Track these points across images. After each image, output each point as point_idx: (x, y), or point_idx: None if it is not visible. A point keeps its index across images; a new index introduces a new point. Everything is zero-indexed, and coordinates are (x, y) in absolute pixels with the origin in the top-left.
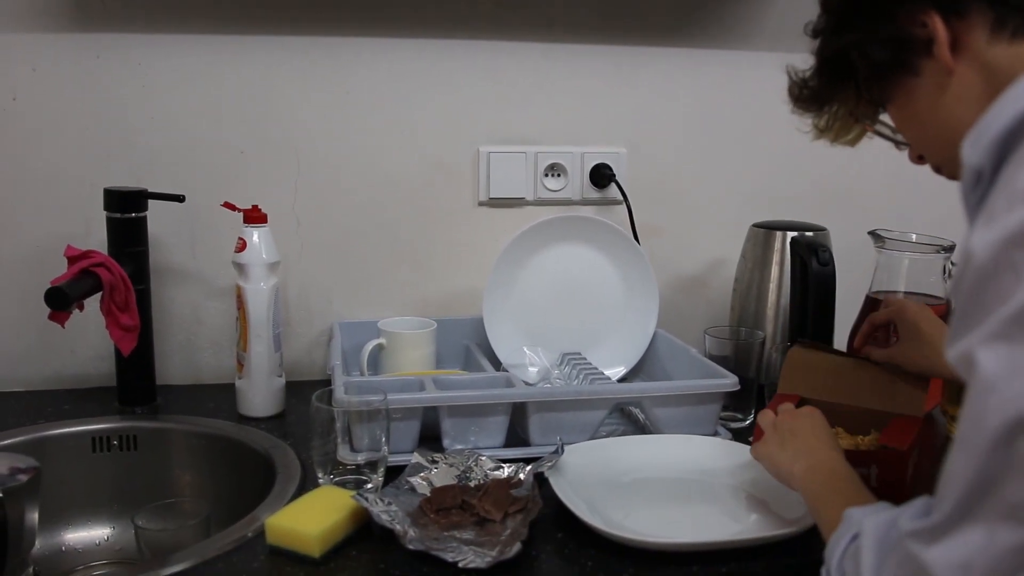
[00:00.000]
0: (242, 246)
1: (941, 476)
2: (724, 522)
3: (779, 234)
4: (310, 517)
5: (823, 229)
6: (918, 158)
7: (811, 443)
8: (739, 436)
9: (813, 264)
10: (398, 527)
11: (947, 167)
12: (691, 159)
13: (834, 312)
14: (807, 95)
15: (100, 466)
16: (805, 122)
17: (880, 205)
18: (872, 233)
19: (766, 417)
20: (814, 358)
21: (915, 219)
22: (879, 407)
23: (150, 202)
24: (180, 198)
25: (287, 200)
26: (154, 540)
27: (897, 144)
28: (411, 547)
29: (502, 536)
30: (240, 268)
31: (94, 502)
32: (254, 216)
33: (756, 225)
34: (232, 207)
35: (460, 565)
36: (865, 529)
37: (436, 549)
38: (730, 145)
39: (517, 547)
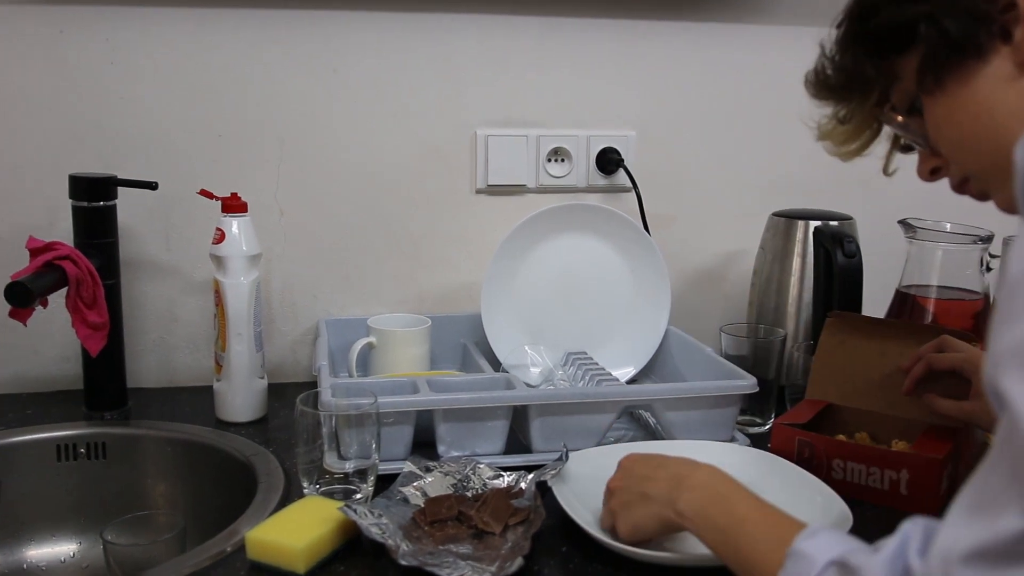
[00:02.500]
0: (220, 237)
1: (975, 491)
2: None
3: (801, 223)
4: (294, 530)
5: (849, 218)
6: (930, 172)
7: (677, 470)
8: (757, 442)
9: (838, 256)
10: (389, 541)
11: (980, 180)
12: (706, 142)
13: (861, 308)
14: (833, 80)
15: (66, 476)
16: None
17: (911, 192)
18: (902, 222)
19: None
20: (849, 350)
21: (949, 207)
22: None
23: (120, 190)
24: (153, 185)
25: (269, 188)
26: (125, 556)
27: (904, 150)
28: (403, 563)
29: (502, 550)
30: (218, 261)
31: (59, 515)
32: (233, 205)
33: (776, 214)
34: (209, 195)
35: None
36: (864, 569)
37: (431, 565)
38: (748, 127)
39: (519, 562)
